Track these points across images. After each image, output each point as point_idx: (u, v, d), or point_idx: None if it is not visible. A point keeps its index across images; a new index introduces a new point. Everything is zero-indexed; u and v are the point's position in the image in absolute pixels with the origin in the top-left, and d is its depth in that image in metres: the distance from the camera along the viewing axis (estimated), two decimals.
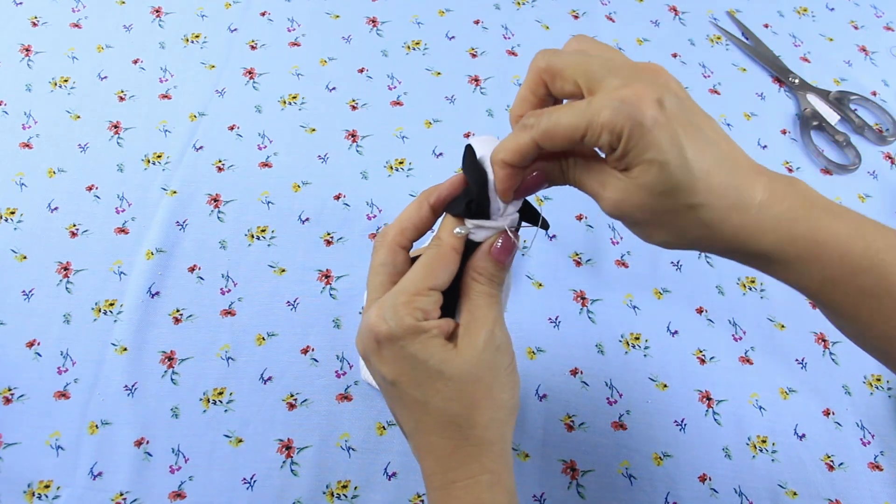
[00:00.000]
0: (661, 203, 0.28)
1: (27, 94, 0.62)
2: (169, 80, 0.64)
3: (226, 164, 0.60)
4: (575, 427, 0.51)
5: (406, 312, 0.30)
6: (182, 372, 0.51)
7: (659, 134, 0.27)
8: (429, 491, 0.33)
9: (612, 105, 0.27)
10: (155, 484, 0.48)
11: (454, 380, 0.30)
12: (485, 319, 0.32)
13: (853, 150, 0.66)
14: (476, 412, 0.31)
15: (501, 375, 0.32)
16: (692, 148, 0.28)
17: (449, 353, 0.31)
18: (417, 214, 0.33)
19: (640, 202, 0.29)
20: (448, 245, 0.32)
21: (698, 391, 0.53)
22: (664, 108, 0.28)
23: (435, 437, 0.31)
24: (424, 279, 0.31)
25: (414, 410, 0.32)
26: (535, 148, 0.30)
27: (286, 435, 0.50)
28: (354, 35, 0.69)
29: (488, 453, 0.31)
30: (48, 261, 0.55)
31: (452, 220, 0.33)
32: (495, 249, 0.32)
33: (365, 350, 0.32)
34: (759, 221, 0.29)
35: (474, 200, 0.32)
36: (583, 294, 0.57)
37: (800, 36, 0.74)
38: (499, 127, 0.64)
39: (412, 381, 0.31)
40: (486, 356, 0.31)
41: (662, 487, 0.50)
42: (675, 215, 0.29)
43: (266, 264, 0.56)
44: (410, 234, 0.33)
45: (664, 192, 0.28)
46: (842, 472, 0.51)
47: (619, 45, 0.71)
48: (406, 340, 0.30)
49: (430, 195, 0.33)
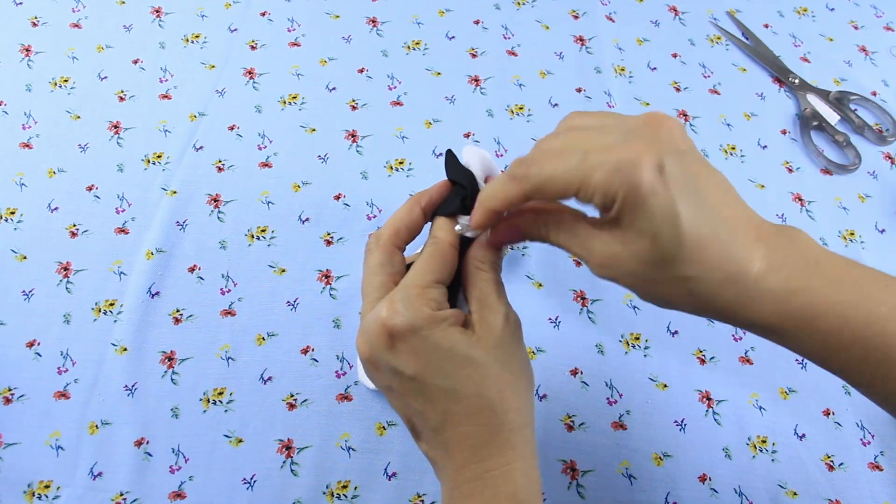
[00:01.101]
0: (650, 273, 0.27)
1: (27, 94, 0.62)
2: (169, 80, 0.64)
3: (226, 164, 0.60)
4: (575, 427, 0.51)
5: (422, 303, 0.30)
6: (182, 372, 0.51)
7: (654, 202, 0.26)
8: (458, 486, 0.31)
9: (607, 166, 0.26)
10: (155, 484, 0.48)
11: (483, 364, 0.30)
12: (497, 304, 0.32)
13: (853, 150, 0.66)
14: (508, 395, 0.31)
15: (522, 359, 0.33)
16: (689, 218, 0.26)
17: (472, 339, 0.31)
18: (409, 216, 0.34)
19: (628, 269, 0.28)
20: (446, 241, 0.33)
21: (698, 391, 0.53)
22: (663, 174, 0.26)
23: (468, 427, 0.31)
24: (431, 273, 0.31)
25: (441, 402, 0.31)
26: (523, 200, 0.29)
27: (286, 435, 0.50)
28: (354, 35, 0.69)
29: (521, 439, 0.31)
30: (48, 261, 0.55)
31: (447, 221, 0.33)
32: (493, 235, 0.33)
33: (372, 348, 0.31)
34: (755, 295, 0.27)
35: (469, 196, 0.33)
36: (583, 294, 0.57)
37: (800, 36, 0.74)
38: (499, 127, 0.64)
39: (437, 371, 0.30)
40: (507, 339, 0.32)
41: (662, 487, 0.50)
42: (666, 285, 0.28)
43: (266, 264, 0.56)
44: (404, 236, 0.34)
45: (655, 264, 0.27)
46: (842, 472, 0.51)
47: (619, 46, 0.71)
48: (427, 330, 0.30)
49: (421, 198, 0.34)
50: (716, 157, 0.65)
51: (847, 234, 0.62)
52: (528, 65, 0.68)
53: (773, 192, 0.63)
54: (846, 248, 0.61)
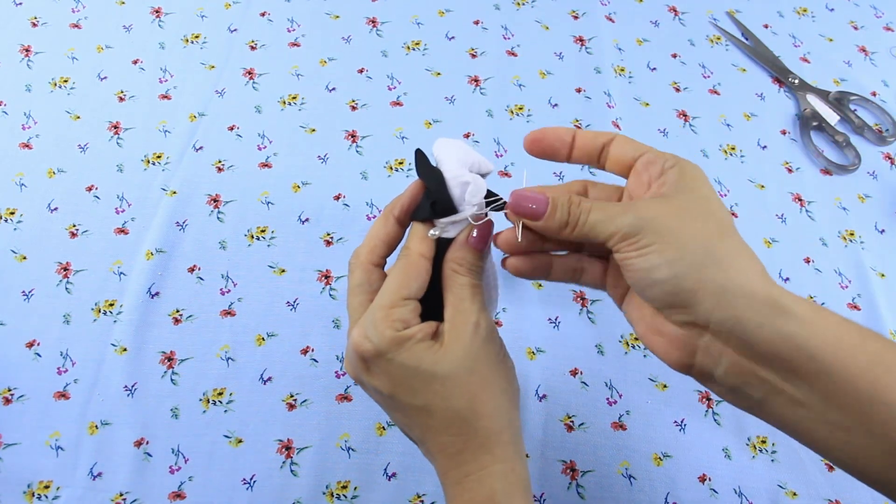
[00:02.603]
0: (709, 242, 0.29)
1: (27, 95, 0.62)
2: (169, 80, 0.64)
3: (226, 165, 0.60)
4: (575, 427, 0.51)
5: (386, 326, 0.30)
6: (182, 372, 0.51)
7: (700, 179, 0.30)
8: (445, 489, 0.33)
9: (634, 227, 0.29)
10: (155, 484, 0.48)
11: (449, 377, 0.31)
12: (469, 311, 0.32)
13: (853, 150, 0.66)
14: (479, 403, 0.31)
15: (494, 363, 0.32)
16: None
17: (437, 354, 0.31)
18: (384, 230, 0.33)
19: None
20: (416, 253, 0.32)
21: (698, 391, 0.53)
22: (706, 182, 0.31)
23: (444, 437, 0.32)
24: (398, 290, 0.31)
25: (417, 417, 0.32)
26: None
27: (286, 435, 0.50)
28: (354, 35, 0.69)
29: (498, 443, 0.32)
30: (48, 261, 0.55)
31: (421, 227, 0.33)
32: (473, 238, 0.33)
33: (355, 371, 0.32)
34: (790, 311, 0.27)
35: (437, 200, 0.32)
36: (583, 294, 0.57)
37: (799, 36, 0.74)
38: (498, 127, 0.64)
39: (408, 390, 0.31)
40: (476, 347, 0.31)
41: (662, 488, 0.50)
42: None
43: (266, 264, 0.56)
44: (381, 251, 0.34)
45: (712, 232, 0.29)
46: (841, 472, 0.51)
47: (619, 45, 0.71)
48: (392, 353, 0.30)
49: (394, 208, 0.33)
50: (716, 157, 0.65)
51: (847, 234, 0.62)
52: (527, 65, 0.68)
53: (772, 192, 0.63)
54: (846, 248, 0.61)
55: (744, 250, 0.29)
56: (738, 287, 0.27)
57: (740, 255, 0.28)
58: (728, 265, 0.28)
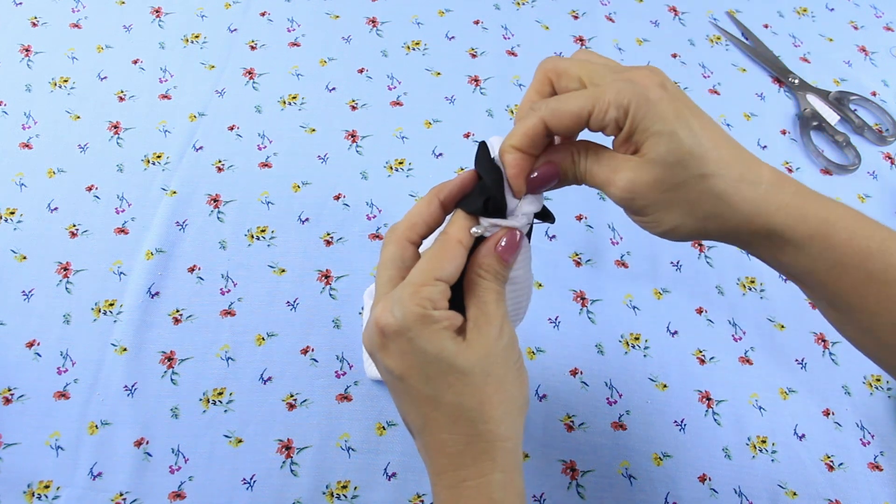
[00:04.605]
0: (673, 175, 0.29)
1: (27, 94, 0.62)
2: (169, 80, 0.64)
3: (226, 165, 0.60)
4: (575, 427, 0.51)
5: (413, 302, 0.29)
6: (182, 372, 0.51)
7: (664, 107, 0.29)
8: (437, 490, 0.32)
9: (617, 84, 0.29)
10: (155, 484, 0.48)
11: (467, 373, 0.30)
12: (494, 315, 0.32)
13: (853, 150, 0.66)
14: (489, 407, 0.31)
15: (511, 370, 0.32)
16: (697, 122, 0.30)
17: (460, 346, 0.30)
18: (427, 210, 0.33)
19: (652, 178, 0.30)
20: (454, 238, 0.32)
21: (698, 391, 0.53)
22: (667, 89, 0.30)
23: (446, 434, 0.31)
24: (431, 270, 0.31)
25: (422, 406, 0.31)
26: (542, 128, 0.31)
27: (286, 435, 0.50)
28: (354, 35, 0.69)
29: (501, 450, 0.31)
30: (48, 261, 0.55)
31: (464, 218, 0.32)
32: (501, 248, 0.32)
33: (371, 345, 0.31)
34: (770, 197, 0.30)
35: (492, 198, 0.32)
36: (583, 294, 0.57)
37: (800, 36, 0.74)
38: (499, 127, 0.64)
39: (421, 375, 0.30)
40: (497, 350, 0.31)
41: (662, 487, 0.50)
42: (687, 189, 0.30)
43: (266, 264, 0.56)
44: (420, 230, 0.33)
45: (675, 163, 0.29)
46: (842, 472, 0.51)
47: (619, 46, 0.71)
48: (414, 332, 0.29)
49: (441, 191, 0.33)
50: None
51: None
52: (528, 65, 0.68)
53: None
54: None
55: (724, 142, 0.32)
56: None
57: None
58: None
